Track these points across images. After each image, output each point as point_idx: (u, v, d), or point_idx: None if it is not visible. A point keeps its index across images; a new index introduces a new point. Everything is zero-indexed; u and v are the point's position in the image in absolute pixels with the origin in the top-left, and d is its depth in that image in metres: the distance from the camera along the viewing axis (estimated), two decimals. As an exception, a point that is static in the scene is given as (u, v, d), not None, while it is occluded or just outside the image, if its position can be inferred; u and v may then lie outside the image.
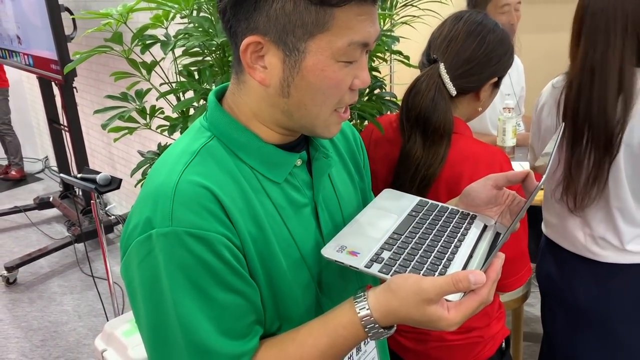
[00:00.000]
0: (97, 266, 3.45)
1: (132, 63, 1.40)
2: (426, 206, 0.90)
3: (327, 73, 0.72)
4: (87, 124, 4.04)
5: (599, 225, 1.42)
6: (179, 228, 0.69)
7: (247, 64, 0.74)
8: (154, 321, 0.72)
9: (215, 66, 1.40)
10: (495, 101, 2.38)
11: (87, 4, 3.68)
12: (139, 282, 0.73)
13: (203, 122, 0.81)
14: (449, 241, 0.80)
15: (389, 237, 0.80)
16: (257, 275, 0.75)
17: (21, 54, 3.79)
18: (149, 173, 0.79)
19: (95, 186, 2.34)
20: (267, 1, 0.69)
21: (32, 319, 3.03)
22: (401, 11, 1.79)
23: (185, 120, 1.38)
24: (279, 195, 0.80)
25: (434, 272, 0.73)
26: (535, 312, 2.74)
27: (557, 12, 2.79)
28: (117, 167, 4.00)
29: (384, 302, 0.70)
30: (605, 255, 1.43)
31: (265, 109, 0.77)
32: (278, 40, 0.71)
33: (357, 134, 1.02)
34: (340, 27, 0.70)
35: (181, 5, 1.31)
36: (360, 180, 0.99)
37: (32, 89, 5.03)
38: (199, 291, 0.70)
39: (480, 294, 0.68)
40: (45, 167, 5.41)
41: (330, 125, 0.79)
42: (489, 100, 1.29)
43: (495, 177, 0.87)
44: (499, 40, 1.22)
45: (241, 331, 0.74)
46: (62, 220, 4.19)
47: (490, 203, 0.88)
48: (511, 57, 1.26)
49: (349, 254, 0.76)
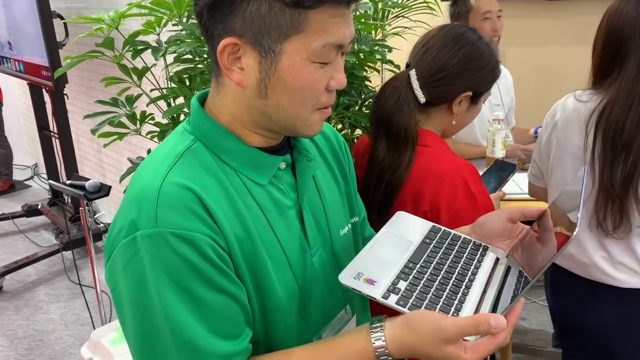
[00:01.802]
0: (85, 274, 3.41)
1: (123, 68, 1.40)
2: (439, 233, 0.91)
3: (303, 74, 0.73)
4: (78, 130, 4.02)
5: (616, 248, 1.38)
6: (163, 229, 0.69)
7: (225, 65, 0.74)
8: (141, 324, 0.72)
9: (206, 72, 1.40)
10: (485, 112, 2.41)
11: (80, 11, 3.68)
12: (124, 285, 0.72)
13: (186, 126, 0.82)
14: (463, 273, 0.81)
15: (405, 265, 0.81)
16: (243, 276, 0.75)
17: (12, 60, 3.78)
18: (133, 177, 0.79)
19: (84, 193, 2.32)
20: (242, 3, 0.70)
21: (18, 327, 2.99)
22: (393, 22, 1.81)
23: (175, 126, 1.38)
24: (263, 197, 0.80)
25: (449, 307, 0.74)
26: (524, 324, 2.74)
27: (545, 26, 2.83)
28: (107, 174, 3.98)
29: (400, 336, 0.70)
30: (623, 279, 1.39)
31: (244, 110, 0.78)
32: (254, 41, 0.72)
33: (340, 138, 1.02)
34: (314, 28, 0.71)
35: (173, 12, 1.32)
36: (345, 183, 0.99)
37: (22, 96, 5.01)
38: (186, 292, 0.70)
39: (499, 337, 0.68)
40: (35, 174, 5.37)
41: (313, 124, 0.79)
42: (466, 116, 1.27)
43: (510, 211, 0.88)
44: (477, 54, 1.21)
45: (231, 331, 0.73)
46: (51, 228, 4.15)
47: (503, 235, 0.89)
48: (491, 74, 1.24)
49: (366, 282, 0.76)
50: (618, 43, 1.31)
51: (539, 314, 2.78)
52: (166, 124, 1.43)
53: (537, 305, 2.82)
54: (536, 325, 2.73)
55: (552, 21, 2.81)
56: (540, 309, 2.79)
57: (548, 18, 2.82)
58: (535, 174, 1.61)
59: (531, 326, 2.73)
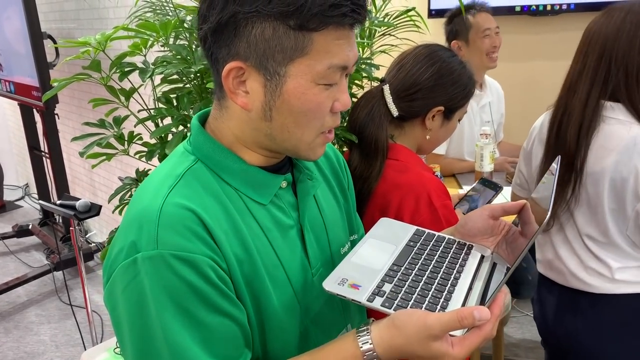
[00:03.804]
0: (76, 294, 3.39)
1: (111, 90, 1.41)
2: (423, 235, 0.91)
3: (308, 96, 0.74)
4: (69, 150, 4.02)
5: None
6: (164, 251, 0.69)
7: (229, 89, 0.75)
8: (140, 347, 0.71)
9: (193, 93, 1.41)
10: (476, 128, 2.44)
11: (71, 31, 3.70)
12: (124, 307, 0.72)
13: (187, 146, 0.82)
14: (449, 272, 0.81)
15: (389, 268, 0.81)
16: (243, 297, 0.75)
17: (2, 81, 3.78)
18: (133, 197, 0.79)
19: (75, 212, 2.32)
20: (246, 27, 0.71)
21: (8, 349, 2.96)
22: (380, 40, 1.83)
23: (163, 146, 1.39)
24: (264, 217, 0.80)
25: (435, 305, 0.74)
26: (516, 337, 2.74)
27: (531, 42, 2.87)
28: (98, 193, 3.97)
29: (388, 338, 0.70)
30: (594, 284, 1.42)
31: (248, 132, 0.78)
32: (259, 65, 0.72)
33: (340, 156, 1.03)
34: (319, 51, 0.72)
35: (159, 34, 1.33)
36: (345, 201, 1.00)
37: (13, 116, 5.01)
38: (186, 314, 0.69)
39: (484, 329, 0.68)
40: (26, 195, 5.35)
41: (315, 148, 0.80)
42: (440, 132, 1.31)
43: (491, 208, 0.88)
44: (448, 70, 1.25)
45: (230, 353, 0.73)
46: (42, 248, 4.12)
47: (486, 233, 0.90)
48: (462, 91, 1.28)
49: (351, 287, 0.76)
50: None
51: (531, 326, 2.78)
52: (154, 144, 1.44)
53: (529, 317, 2.82)
54: (529, 337, 2.73)
55: (538, 37, 2.85)
56: (532, 321, 2.79)
57: (534, 34, 2.86)
58: (520, 184, 1.65)
59: (524, 338, 2.73)
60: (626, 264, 1.38)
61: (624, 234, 1.36)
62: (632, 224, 1.33)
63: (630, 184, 1.29)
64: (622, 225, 1.35)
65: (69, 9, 3.67)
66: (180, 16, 1.44)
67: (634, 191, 1.30)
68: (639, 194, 1.29)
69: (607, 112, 1.33)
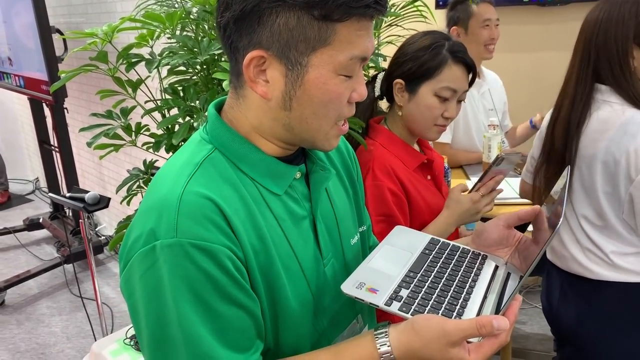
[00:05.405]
0: (86, 287, 3.42)
1: (118, 81, 1.41)
2: (438, 244, 0.93)
3: (329, 86, 0.74)
4: (78, 144, 4.05)
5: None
6: (183, 239, 0.69)
7: (250, 77, 0.74)
8: (156, 334, 0.72)
9: (199, 83, 1.42)
10: (481, 118, 2.43)
11: (79, 26, 3.71)
12: (141, 294, 0.72)
13: (203, 134, 0.81)
14: (464, 281, 0.83)
15: (406, 274, 0.83)
16: (258, 287, 0.76)
17: (12, 76, 3.81)
18: (150, 185, 0.79)
19: (84, 205, 2.34)
20: (270, 16, 0.70)
21: (20, 341, 2.99)
22: (387, 31, 1.82)
23: (170, 137, 1.39)
24: (279, 207, 0.80)
25: (452, 312, 0.75)
26: (525, 329, 2.74)
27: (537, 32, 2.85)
28: (108, 187, 4.00)
29: (405, 341, 0.71)
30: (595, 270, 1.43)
31: (266, 122, 0.78)
32: (281, 54, 0.72)
33: (350, 148, 1.03)
34: (341, 41, 0.72)
35: (165, 25, 1.34)
36: (354, 193, 1.00)
37: (22, 111, 5.04)
38: (202, 304, 0.70)
39: (500, 337, 0.70)
40: (36, 189, 5.39)
41: (331, 139, 0.80)
42: (411, 107, 1.32)
43: (506, 217, 0.90)
44: (405, 43, 1.35)
45: (244, 344, 0.73)
46: (52, 242, 4.16)
47: (501, 244, 0.91)
48: (415, 62, 1.29)
49: (368, 291, 0.78)
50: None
51: (540, 318, 2.77)
52: (161, 134, 1.45)
53: (537, 309, 2.81)
54: (537, 330, 2.72)
55: (544, 27, 2.83)
56: (541, 313, 2.78)
57: (543, 24, 2.84)
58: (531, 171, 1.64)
59: (532, 331, 2.73)
60: (624, 250, 1.39)
61: (621, 218, 1.37)
62: (627, 207, 1.34)
63: (622, 165, 1.30)
64: (617, 209, 1.36)
65: (77, 3, 3.69)
66: (186, 7, 1.44)
67: (626, 173, 1.31)
68: (631, 176, 1.30)
69: (603, 95, 1.37)
